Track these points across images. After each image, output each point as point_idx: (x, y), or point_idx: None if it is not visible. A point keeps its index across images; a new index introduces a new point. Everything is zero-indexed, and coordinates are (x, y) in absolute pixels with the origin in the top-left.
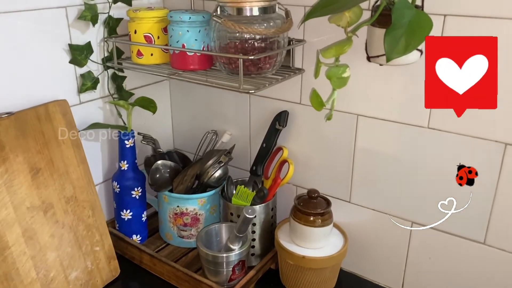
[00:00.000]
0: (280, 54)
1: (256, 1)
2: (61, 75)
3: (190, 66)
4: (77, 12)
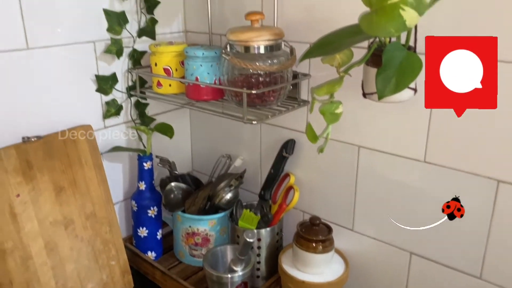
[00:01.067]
0: (284, 87)
1: (262, 40)
2: (88, 102)
3: (204, 97)
4: (104, 46)
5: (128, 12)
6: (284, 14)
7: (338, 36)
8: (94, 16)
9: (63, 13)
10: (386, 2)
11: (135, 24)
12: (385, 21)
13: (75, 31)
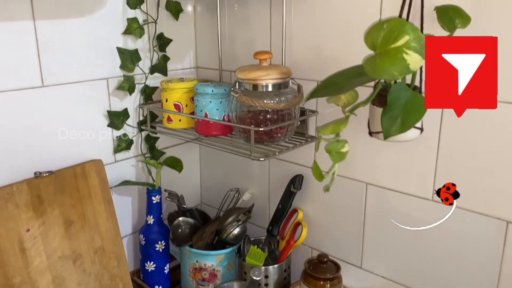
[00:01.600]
0: (291, 124)
1: (270, 79)
2: (100, 137)
3: (213, 132)
4: (117, 82)
5: (141, 50)
6: (292, 53)
7: (343, 77)
8: (107, 54)
9: (78, 51)
10: (390, 46)
11: (147, 61)
12: (389, 65)
13: (89, 69)
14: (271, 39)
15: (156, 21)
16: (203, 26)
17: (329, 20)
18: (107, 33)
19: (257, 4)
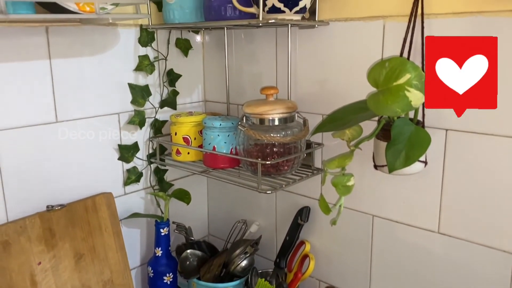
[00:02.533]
0: (298, 157)
1: (276, 113)
2: (110, 170)
3: (220, 165)
4: (128, 117)
5: (152, 85)
6: (297, 87)
7: (347, 112)
8: (119, 90)
9: (91, 88)
10: (392, 84)
11: (157, 96)
12: (392, 102)
13: (101, 104)
14: (277, 73)
15: (166, 57)
16: (211, 61)
17: (333, 56)
18: (119, 69)
19: (263, 40)
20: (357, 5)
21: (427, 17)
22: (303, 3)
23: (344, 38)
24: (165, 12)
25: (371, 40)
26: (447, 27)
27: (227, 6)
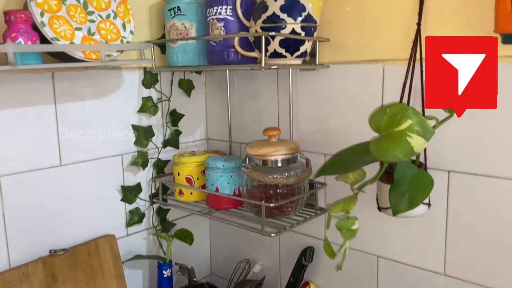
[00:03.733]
0: (301, 198)
1: (279, 154)
2: (113, 211)
3: (223, 206)
4: (131, 158)
5: (155, 126)
6: (299, 125)
7: (349, 154)
8: (123, 131)
9: (95, 130)
10: (393, 129)
11: (160, 136)
12: (393, 147)
13: (105, 146)
14: (279, 110)
15: (170, 98)
16: (214, 100)
17: (334, 97)
18: (123, 111)
19: (264, 79)
20: (357, 49)
21: None
22: (304, 48)
23: (345, 80)
24: (169, 55)
25: (371, 83)
26: None
27: (230, 51)
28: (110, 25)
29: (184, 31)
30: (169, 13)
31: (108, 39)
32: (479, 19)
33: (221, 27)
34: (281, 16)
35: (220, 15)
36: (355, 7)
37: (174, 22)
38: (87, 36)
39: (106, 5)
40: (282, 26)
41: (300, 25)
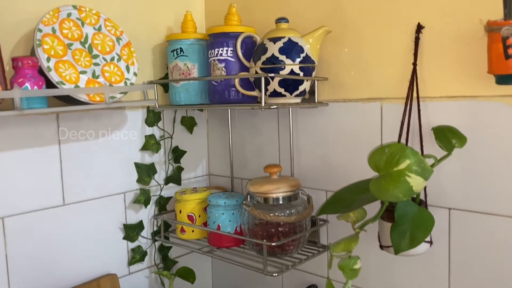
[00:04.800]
0: (303, 236)
1: (280, 192)
2: (115, 249)
3: (225, 244)
4: (133, 196)
5: (157, 163)
6: (300, 162)
7: (350, 193)
8: (125, 169)
9: (98, 169)
10: (392, 169)
11: (162, 173)
12: (393, 187)
13: (108, 185)
14: (280, 146)
15: (172, 136)
16: (215, 136)
17: (333, 133)
18: (126, 150)
19: (265, 114)
20: (355, 87)
21: (423, 100)
22: (303, 87)
23: (344, 117)
24: (172, 94)
25: (370, 120)
26: (443, 110)
27: (231, 90)
28: (114, 67)
29: (187, 71)
30: (172, 54)
31: (112, 81)
32: (473, 60)
33: (222, 68)
34: (280, 58)
35: (221, 56)
36: (353, 48)
37: (177, 63)
38: (92, 79)
39: (110, 49)
40: (281, 67)
41: (299, 66)
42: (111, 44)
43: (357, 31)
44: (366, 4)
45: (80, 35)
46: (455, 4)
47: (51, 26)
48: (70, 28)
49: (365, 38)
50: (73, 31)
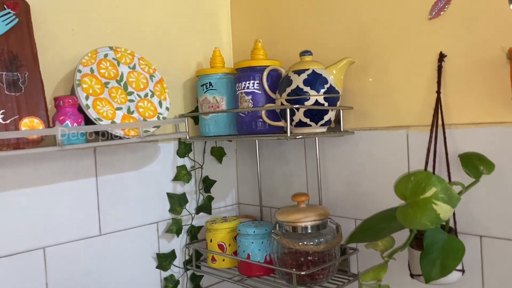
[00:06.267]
0: (332, 264)
1: (309, 220)
2: (148, 279)
3: (255, 273)
4: (166, 225)
5: (188, 193)
6: (328, 190)
7: (378, 221)
8: (158, 200)
9: (132, 200)
10: (419, 197)
11: (193, 203)
12: (420, 215)
13: (141, 215)
14: (307, 174)
15: (202, 166)
16: (244, 165)
17: (360, 161)
18: (159, 180)
19: (292, 143)
20: (380, 116)
21: (449, 127)
22: (328, 116)
23: (370, 145)
24: (202, 126)
25: (396, 148)
26: (469, 137)
27: (258, 121)
28: (147, 103)
29: (215, 104)
30: (202, 88)
31: (146, 116)
32: (497, 86)
33: (249, 100)
34: (305, 89)
35: (248, 89)
36: (377, 78)
37: (206, 96)
38: (127, 115)
39: (144, 86)
40: (306, 98)
41: (323, 96)
42: (145, 81)
43: (380, 61)
44: (389, 35)
45: (116, 74)
46: (476, 32)
47: (90, 67)
48: (107, 68)
49: (389, 67)
50: (109, 71)
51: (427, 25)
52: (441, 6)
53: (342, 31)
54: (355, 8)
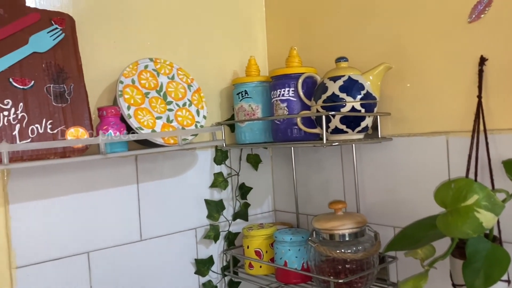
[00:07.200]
0: (371, 273)
1: (346, 228)
2: (187, 284)
3: (292, 280)
4: (204, 231)
5: (225, 200)
6: (365, 197)
7: (418, 229)
8: (196, 206)
9: (171, 206)
10: (460, 205)
11: (230, 209)
12: (461, 223)
13: (180, 221)
14: (344, 181)
15: (239, 173)
16: (280, 172)
17: (399, 168)
18: (197, 187)
19: (328, 150)
20: (419, 121)
21: (491, 132)
22: (365, 123)
23: (409, 152)
24: (238, 134)
25: (436, 154)
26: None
27: (293, 128)
28: (186, 112)
29: (251, 112)
30: (237, 96)
31: (184, 125)
32: None
33: (284, 107)
34: (341, 96)
35: (283, 97)
36: (415, 83)
37: (242, 105)
38: (166, 124)
39: (182, 95)
40: (342, 105)
41: (360, 103)
42: (183, 91)
43: (418, 66)
44: (427, 39)
45: (156, 84)
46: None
47: (131, 78)
48: (147, 79)
49: (427, 72)
50: (150, 81)
51: (466, 29)
52: (481, 9)
53: (378, 36)
54: (391, 13)
